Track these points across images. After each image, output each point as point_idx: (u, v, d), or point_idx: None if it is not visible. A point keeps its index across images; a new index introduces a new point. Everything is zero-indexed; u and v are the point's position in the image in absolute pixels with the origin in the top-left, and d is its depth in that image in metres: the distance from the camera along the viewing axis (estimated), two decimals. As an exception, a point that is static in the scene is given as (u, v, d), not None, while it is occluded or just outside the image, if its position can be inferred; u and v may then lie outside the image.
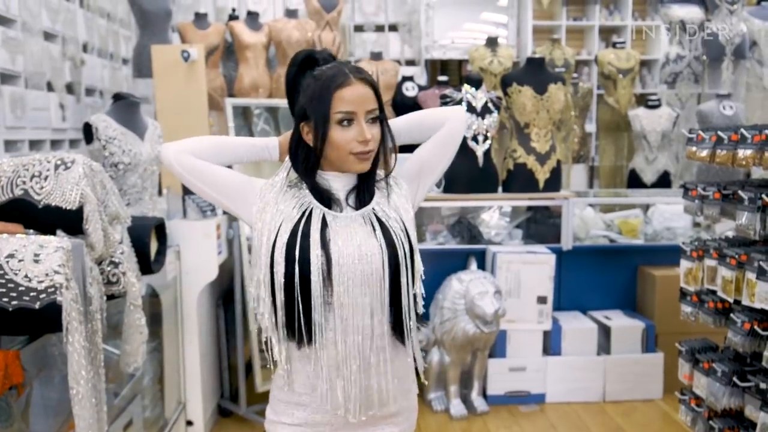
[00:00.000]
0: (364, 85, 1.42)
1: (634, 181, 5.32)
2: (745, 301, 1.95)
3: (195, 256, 3.11)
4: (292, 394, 1.48)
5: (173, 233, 3.08)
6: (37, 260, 1.65)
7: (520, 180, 3.95)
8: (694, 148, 2.20)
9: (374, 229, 1.45)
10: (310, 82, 1.44)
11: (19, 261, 1.64)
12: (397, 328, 1.47)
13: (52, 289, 1.63)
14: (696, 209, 2.22)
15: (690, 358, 2.27)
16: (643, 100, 5.61)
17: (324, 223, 1.45)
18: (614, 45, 5.89)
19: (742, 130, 1.97)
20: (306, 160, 1.48)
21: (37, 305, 1.62)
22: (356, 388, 1.43)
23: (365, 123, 1.41)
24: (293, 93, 1.50)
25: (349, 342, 1.42)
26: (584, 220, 4.07)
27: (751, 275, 1.92)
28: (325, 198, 1.48)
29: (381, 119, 1.46)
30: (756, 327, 1.92)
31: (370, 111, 1.42)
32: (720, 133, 2.06)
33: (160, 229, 2.65)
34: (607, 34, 6.88)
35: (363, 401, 1.45)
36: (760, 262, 1.87)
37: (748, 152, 1.93)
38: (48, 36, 3.41)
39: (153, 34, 4.44)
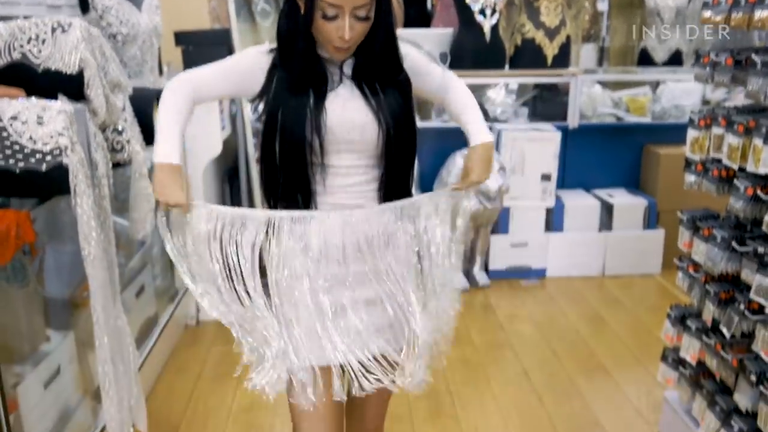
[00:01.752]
0: None
1: (645, 60, 5.19)
2: (750, 168, 1.95)
3: (198, 132, 3.10)
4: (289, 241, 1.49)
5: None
6: (41, 122, 1.64)
7: (527, 56, 3.87)
8: (708, 13, 2.13)
9: (369, 101, 1.45)
10: None
11: (23, 123, 1.63)
12: (387, 193, 1.51)
13: (58, 152, 1.63)
14: (707, 76, 2.17)
15: (691, 226, 2.30)
16: (658, -25, 5.37)
17: (323, 92, 1.43)
18: None
19: (761, -10, 1.89)
20: (298, 27, 1.40)
21: (43, 167, 1.63)
22: (349, 239, 1.46)
23: (350, 19, 1.34)
24: None
25: (344, 196, 1.47)
26: (592, 97, 4.02)
27: (758, 141, 1.90)
28: (321, 72, 1.44)
29: (387, 22, 1.41)
30: (759, 192, 1.93)
31: (359, 7, 1.34)
32: (737, -6, 1.98)
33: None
34: None
35: (358, 251, 1.47)
36: (768, 128, 1.85)
37: (765, 13, 1.86)
38: None
39: None
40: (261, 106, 1.47)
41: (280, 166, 1.45)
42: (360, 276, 1.48)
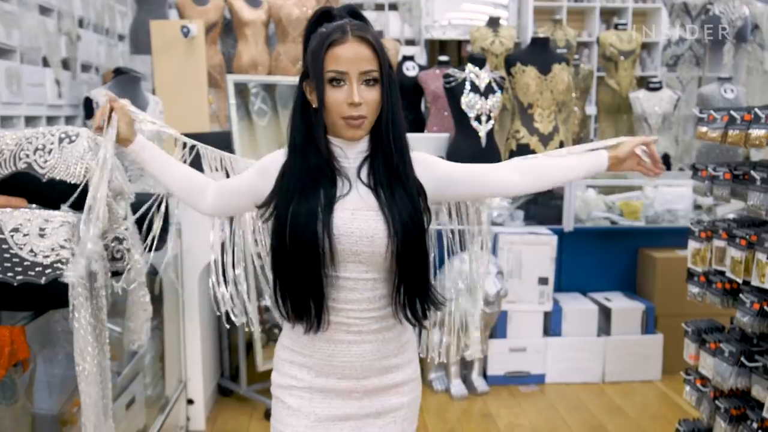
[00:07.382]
0: (362, 44, 1.33)
1: (634, 163, 5.29)
2: (755, 282, 1.94)
3: (196, 235, 3.07)
4: (295, 354, 1.47)
5: (174, 211, 3.04)
6: (43, 235, 1.62)
7: (522, 161, 3.92)
8: (704, 129, 2.18)
9: (382, 209, 1.38)
10: (313, 38, 1.37)
11: (24, 235, 1.61)
12: (403, 308, 1.44)
13: (58, 264, 1.60)
14: (706, 190, 2.21)
15: (696, 338, 2.27)
16: (643, 83, 5.58)
17: (331, 200, 1.38)
18: (616, 26, 5.85)
19: (756, 109, 1.95)
20: (310, 125, 1.39)
21: (42, 280, 1.60)
22: (357, 356, 1.43)
23: (358, 84, 1.33)
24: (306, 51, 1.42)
25: (350, 314, 1.41)
26: (586, 201, 4.06)
27: (761, 255, 1.91)
28: (333, 170, 1.40)
29: (389, 82, 1.37)
30: (765, 307, 1.92)
31: (366, 72, 1.33)
32: (732, 112, 2.04)
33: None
34: (608, 15, 6.84)
35: (364, 369, 1.44)
36: (771, 243, 1.86)
37: (762, 132, 1.91)
38: (43, 10, 3.35)
39: (150, 11, 4.38)
40: (268, 212, 1.42)
41: (291, 273, 1.38)
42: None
